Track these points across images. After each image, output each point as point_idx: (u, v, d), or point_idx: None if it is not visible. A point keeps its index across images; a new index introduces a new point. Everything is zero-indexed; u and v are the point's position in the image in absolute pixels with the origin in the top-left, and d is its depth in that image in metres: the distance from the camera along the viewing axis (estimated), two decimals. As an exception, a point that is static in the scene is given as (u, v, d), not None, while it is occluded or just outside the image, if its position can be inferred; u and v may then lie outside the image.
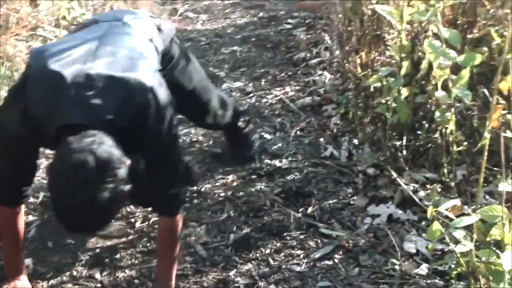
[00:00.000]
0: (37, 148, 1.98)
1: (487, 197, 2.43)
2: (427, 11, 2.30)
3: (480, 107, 2.47)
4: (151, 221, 2.53)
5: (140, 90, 1.80)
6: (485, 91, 2.49)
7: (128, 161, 1.71)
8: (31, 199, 2.62)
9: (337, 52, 3.74)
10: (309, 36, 4.49)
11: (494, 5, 2.52)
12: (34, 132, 1.81)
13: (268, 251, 2.34)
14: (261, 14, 5.35)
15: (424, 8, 2.51)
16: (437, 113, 2.43)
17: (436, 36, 2.31)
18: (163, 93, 1.86)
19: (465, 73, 2.33)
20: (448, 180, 2.55)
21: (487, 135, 1.69)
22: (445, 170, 2.56)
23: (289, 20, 5.01)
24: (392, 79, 2.66)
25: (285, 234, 2.42)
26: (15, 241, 2.09)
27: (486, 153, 1.73)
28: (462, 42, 2.31)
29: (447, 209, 1.69)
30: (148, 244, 2.41)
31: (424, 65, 2.36)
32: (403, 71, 2.62)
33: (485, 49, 2.55)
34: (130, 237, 2.47)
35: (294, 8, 5.12)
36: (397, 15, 2.68)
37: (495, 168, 2.39)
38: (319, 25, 4.67)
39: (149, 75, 1.85)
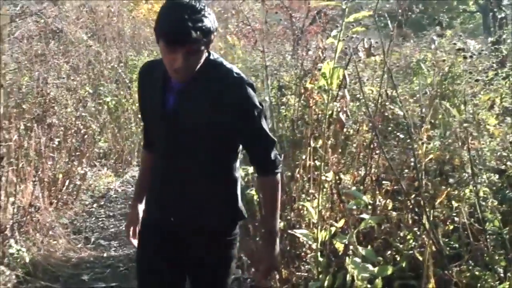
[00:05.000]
0: None
1: None
2: (347, 235, 2.90)
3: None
4: None
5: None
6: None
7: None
8: None
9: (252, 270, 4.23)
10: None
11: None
12: None
13: None
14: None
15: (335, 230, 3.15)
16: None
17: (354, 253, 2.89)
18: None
19: (379, 282, 2.90)
20: None
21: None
22: None
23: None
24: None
25: None
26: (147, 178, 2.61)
27: None
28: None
29: None
30: None
31: (348, 278, 2.90)
32: (326, 284, 3.15)
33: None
34: None
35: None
36: (312, 237, 3.28)
37: None
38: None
39: None
